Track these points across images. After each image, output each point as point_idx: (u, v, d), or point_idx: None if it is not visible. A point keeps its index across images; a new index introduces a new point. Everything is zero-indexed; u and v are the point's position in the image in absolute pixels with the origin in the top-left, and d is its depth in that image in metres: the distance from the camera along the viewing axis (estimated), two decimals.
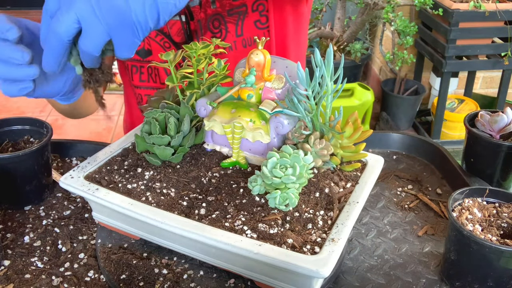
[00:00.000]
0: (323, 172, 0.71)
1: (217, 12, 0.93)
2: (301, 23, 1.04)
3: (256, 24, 0.95)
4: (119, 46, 0.57)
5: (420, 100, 2.70)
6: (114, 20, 0.54)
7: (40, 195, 0.85)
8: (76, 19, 0.54)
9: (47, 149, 0.83)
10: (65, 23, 0.54)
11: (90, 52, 0.56)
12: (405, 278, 0.69)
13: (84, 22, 0.54)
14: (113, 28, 0.55)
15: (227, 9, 0.93)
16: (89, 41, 0.55)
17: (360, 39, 2.92)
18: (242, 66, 0.74)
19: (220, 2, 0.93)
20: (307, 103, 0.68)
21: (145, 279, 0.67)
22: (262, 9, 0.94)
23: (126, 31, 0.55)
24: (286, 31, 1.00)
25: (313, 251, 0.59)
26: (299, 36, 1.04)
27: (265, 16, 0.95)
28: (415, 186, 0.89)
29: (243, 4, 0.94)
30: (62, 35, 0.55)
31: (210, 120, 0.72)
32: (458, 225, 0.63)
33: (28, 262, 0.72)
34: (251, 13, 0.94)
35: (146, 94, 1.04)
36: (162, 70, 0.99)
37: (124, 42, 0.57)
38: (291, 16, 1.00)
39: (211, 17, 0.93)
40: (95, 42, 0.55)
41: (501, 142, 0.82)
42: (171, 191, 0.69)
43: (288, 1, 0.98)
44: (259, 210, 0.65)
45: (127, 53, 0.58)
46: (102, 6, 0.53)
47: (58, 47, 0.57)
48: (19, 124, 0.86)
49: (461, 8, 2.27)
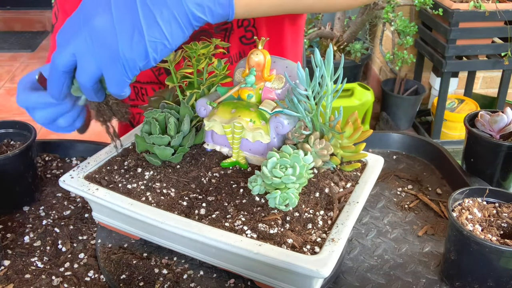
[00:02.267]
0: (323, 172, 0.71)
1: (202, 29, 0.92)
2: (298, 35, 1.04)
3: (241, 40, 0.95)
4: (109, 81, 0.60)
5: (420, 100, 2.70)
6: (104, 55, 0.58)
7: (33, 196, 0.85)
8: (72, 53, 0.59)
9: (33, 150, 0.83)
10: (62, 56, 0.59)
11: (84, 84, 0.61)
12: (405, 278, 0.69)
13: (78, 56, 0.59)
14: (103, 63, 0.58)
15: (214, 26, 0.93)
16: (83, 74, 0.60)
17: (360, 39, 2.92)
18: (242, 66, 0.74)
19: None
20: (307, 103, 0.68)
21: (145, 279, 0.67)
22: (247, 24, 0.93)
23: (115, 67, 0.58)
24: (285, 44, 0.99)
25: (313, 251, 0.59)
26: (296, 47, 1.04)
27: (250, 32, 0.94)
28: (415, 186, 0.89)
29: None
30: (59, 66, 0.60)
31: (210, 120, 0.72)
32: (458, 225, 0.63)
33: (28, 262, 0.72)
34: (236, 29, 0.93)
35: (137, 112, 1.05)
36: (150, 89, 0.99)
37: (113, 78, 0.59)
38: (289, 28, 0.99)
39: (198, 34, 0.91)
40: (88, 75, 0.59)
41: (501, 142, 0.82)
42: (171, 191, 0.69)
43: (287, 17, 0.97)
44: (259, 210, 0.65)
45: (117, 89, 0.61)
46: (95, 42, 0.57)
47: (55, 76, 0.62)
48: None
49: (461, 8, 2.27)
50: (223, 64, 0.76)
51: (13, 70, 3.66)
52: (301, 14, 1.01)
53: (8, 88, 3.40)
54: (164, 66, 0.75)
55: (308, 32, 2.87)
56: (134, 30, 0.56)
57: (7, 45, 4.00)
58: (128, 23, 0.56)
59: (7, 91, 3.36)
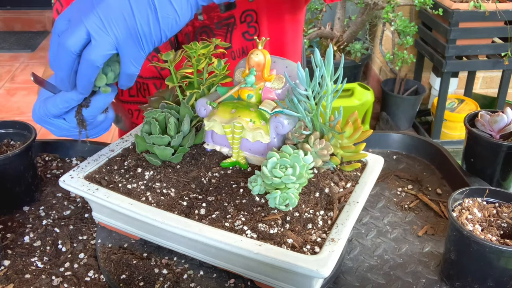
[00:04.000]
0: (323, 172, 0.71)
1: (204, 25, 0.93)
2: (298, 31, 1.04)
3: (244, 35, 0.95)
4: (125, 59, 0.60)
5: (420, 100, 2.71)
6: (121, 32, 0.58)
7: (33, 196, 0.85)
8: (86, 31, 0.58)
9: (32, 150, 0.83)
10: (74, 36, 0.58)
11: (93, 61, 0.59)
12: (405, 278, 0.69)
13: (93, 33, 0.57)
14: (121, 40, 0.58)
15: (215, 21, 0.93)
16: (96, 51, 0.58)
17: (360, 39, 2.92)
18: (242, 66, 0.74)
19: (208, 15, 0.93)
20: (307, 103, 0.68)
21: (145, 279, 0.67)
22: (250, 20, 0.94)
23: (132, 43, 0.59)
24: (285, 39, 0.99)
25: (313, 251, 0.59)
26: (296, 43, 1.04)
27: (253, 27, 0.95)
28: (415, 186, 0.89)
29: (231, 16, 0.93)
30: (70, 47, 0.58)
31: (210, 120, 0.72)
32: (458, 225, 0.63)
33: (28, 262, 0.72)
34: (239, 25, 0.93)
35: (136, 109, 1.05)
36: (151, 85, 1.00)
37: (131, 54, 0.60)
38: (289, 24, 0.99)
39: (199, 29, 0.93)
40: (101, 53, 0.58)
41: (501, 142, 0.82)
42: (171, 191, 0.69)
43: (287, 10, 0.97)
44: (259, 210, 0.65)
45: (133, 67, 0.61)
46: (111, 19, 0.57)
47: (66, 60, 0.59)
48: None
49: (461, 8, 2.27)
50: (223, 64, 0.76)
51: (13, 70, 3.66)
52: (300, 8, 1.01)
53: (8, 88, 3.40)
54: (164, 66, 0.75)
55: (308, 32, 2.87)
56: (149, 7, 0.58)
57: (7, 45, 4.00)
58: (143, 1, 0.58)
59: (7, 91, 3.36)
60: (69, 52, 0.59)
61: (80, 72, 0.60)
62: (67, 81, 0.61)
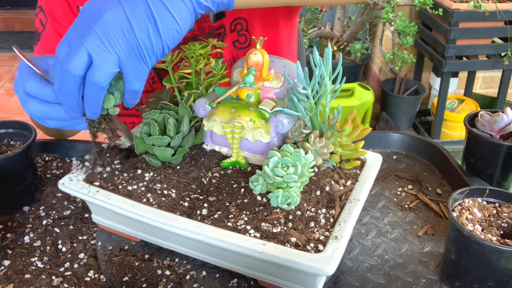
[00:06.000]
0: (323, 170, 0.71)
1: (195, 36, 0.91)
2: (292, 35, 1.03)
3: (234, 44, 0.94)
4: (129, 75, 0.59)
5: (420, 100, 2.70)
6: (122, 48, 0.56)
7: (33, 196, 0.85)
8: (87, 53, 0.56)
9: (32, 150, 0.83)
10: (75, 59, 0.56)
11: (98, 83, 0.57)
12: (405, 278, 0.69)
13: (94, 54, 0.56)
14: (123, 56, 0.57)
15: (206, 32, 0.92)
16: (99, 71, 0.57)
17: (360, 39, 2.92)
18: (240, 66, 0.74)
19: (199, 25, 0.92)
20: (307, 102, 0.68)
21: (148, 281, 0.67)
22: (240, 28, 0.93)
23: (135, 58, 0.57)
24: (279, 44, 0.98)
25: (317, 249, 0.59)
26: (291, 47, 1.03)
27: (243, 36, 0.94)
28: (415, 186, 0.89)
29: (221, 26, 0.92)
30: (74, 71, 0.57)
31: (210, 120, 0.72)
32: (458, 225, 0.63)
33: (28, 262, 0.72)
34: (229, 34, 0.93)
35: (130, 122, 1.04)
36: (143, 99, 1.00)
37: (134, 70, 0.58)
38: (284, 29, 0.99)
39: (190, 40, 0.92)
40: (105, 72, 0.57)
41: (501, 142, 0.82)
42: (172, 192, 0.69)
43: (282, 16, 0.97)
44: (261, 210, 0.65)
45: (138, 83, 0.60)
46: (110, 37, 0.56)
47: (72, 86, 0.58)
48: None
49: (461, 8, 2.27)
50: (220, 64, 0.76)
51: (13, 70, 3.66)
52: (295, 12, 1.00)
53: (8, 88, 3.40)
54: (162, 67, 0.75)
55: (308, 32, 2.87)
56: (148, 19, 0.57)
57: (7, 45, 4.00)
58: (141, 13, 0.57)
59: (7, 91, 3.36)
60: (73, 77, 0.57)
61: (86, 97, 0.59)
62: (76, 108, 0.60)
